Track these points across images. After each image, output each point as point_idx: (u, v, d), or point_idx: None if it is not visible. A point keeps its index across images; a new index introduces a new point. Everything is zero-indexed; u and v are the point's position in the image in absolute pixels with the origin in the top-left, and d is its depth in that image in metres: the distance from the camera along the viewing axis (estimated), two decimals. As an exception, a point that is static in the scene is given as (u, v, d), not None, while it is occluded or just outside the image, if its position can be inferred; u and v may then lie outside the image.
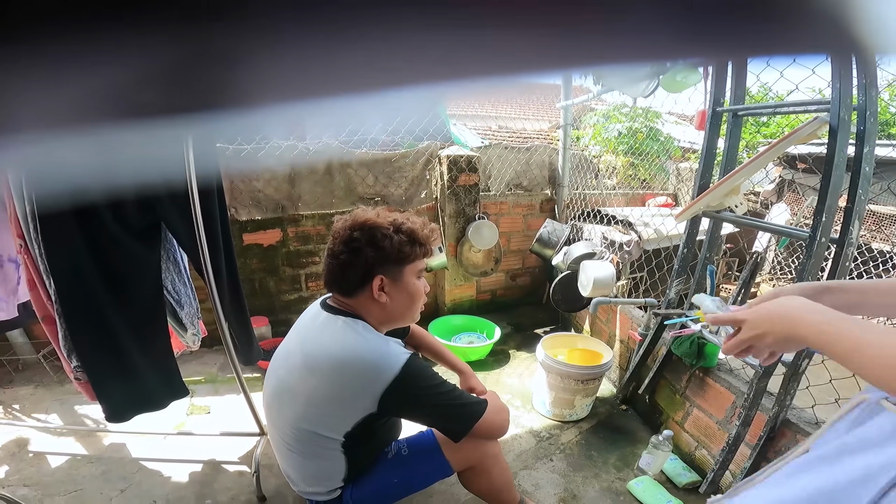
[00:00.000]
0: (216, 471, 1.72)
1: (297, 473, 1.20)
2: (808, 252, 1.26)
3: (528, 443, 1.91)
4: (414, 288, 1.17)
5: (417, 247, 1.13)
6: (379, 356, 1.04)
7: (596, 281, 2.19)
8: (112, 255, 1.35)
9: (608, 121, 3.67)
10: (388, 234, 1.08)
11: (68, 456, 1.77)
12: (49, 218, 1.21)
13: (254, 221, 2.60)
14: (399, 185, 2.87)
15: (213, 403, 2.17)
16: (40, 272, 1.27)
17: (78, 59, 0.17)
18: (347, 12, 0.17)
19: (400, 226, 1.11)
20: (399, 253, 1.10)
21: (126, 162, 1.04)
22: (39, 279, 1.29)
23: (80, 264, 1.30)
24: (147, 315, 1.53)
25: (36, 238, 1.22)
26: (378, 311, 1.15)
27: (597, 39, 0.20)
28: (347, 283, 1.11)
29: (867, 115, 1.14)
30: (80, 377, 1.44)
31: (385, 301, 1.12)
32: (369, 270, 1.09)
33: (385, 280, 1.11)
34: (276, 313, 2.81)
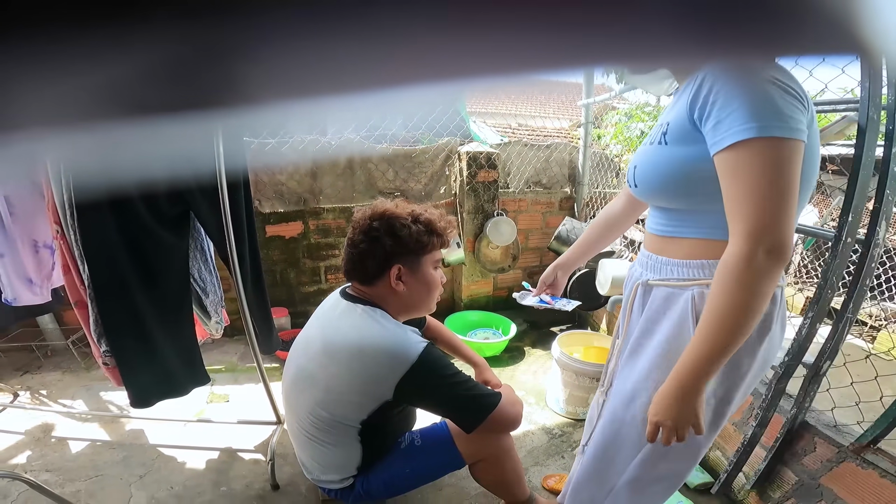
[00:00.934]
0: (232, 458, 1.76)
1: (313, 461, 1.23)
2: (833, 252, 1.23)
3: (540, 440, 1.92)
4: (431, 278, 1.19)
5: (435, 237, 1.15)
6: (397, 344, 1.06)
7: (614, 279, 2.17)
8: (144, 243, 1.40)
9: (630, 119, 3.62)
10: (407, 224, 1.11)
11: (91, 442, 1.82)
12: (85, 205, 1.26)
13: (276, 214, 2.66)
14: (419, 181, 2.89)
15: (232, 392, 2.22)
16: (75, 257, 1.33)
17: (110, 53, 0.18)
18: (370, 7, 0.18)
19: (418, 216, 1.14)
20: (417, 242, 1.12)
21: (159, 154, 1.08)
22: (74, 264, 1.35)
23: (113, 250, 1.35)
24: (174, 302, 1.58)
25: (72, 224, 1.27)
26: (396, 301, 1.17)
27: (622, 37, 0.20)
28: (366, 272, 1.14)
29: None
30: (109, 362, 1.49)
31: (402, 290, 1.15)
32: (387, 260, 1.12)
33: (403, 269, 1.13)
34: (296, 305, 2.87)
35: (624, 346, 1.00)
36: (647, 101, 3.55)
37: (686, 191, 0.82)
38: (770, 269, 0.69)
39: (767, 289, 0.71)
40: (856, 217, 1.20)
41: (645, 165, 0.88)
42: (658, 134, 0.85)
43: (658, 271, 0.91)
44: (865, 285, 1.22)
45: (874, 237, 1.18)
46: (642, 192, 0.90)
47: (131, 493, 1.57)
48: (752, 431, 1.42)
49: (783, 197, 0.68)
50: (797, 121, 0.68)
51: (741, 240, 0.70)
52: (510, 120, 6.57)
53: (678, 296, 0.86)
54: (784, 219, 0.68)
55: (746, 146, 0.68)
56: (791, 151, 0.68)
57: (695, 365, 0.76)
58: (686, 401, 0.77)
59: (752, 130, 0.66)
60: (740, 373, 0.85)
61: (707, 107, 0.72)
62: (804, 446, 1.35)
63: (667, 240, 0.90)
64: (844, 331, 1.25)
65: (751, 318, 0.72)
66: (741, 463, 1.47)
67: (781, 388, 1.37)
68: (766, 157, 0.67)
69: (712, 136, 0.72)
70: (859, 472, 1.21)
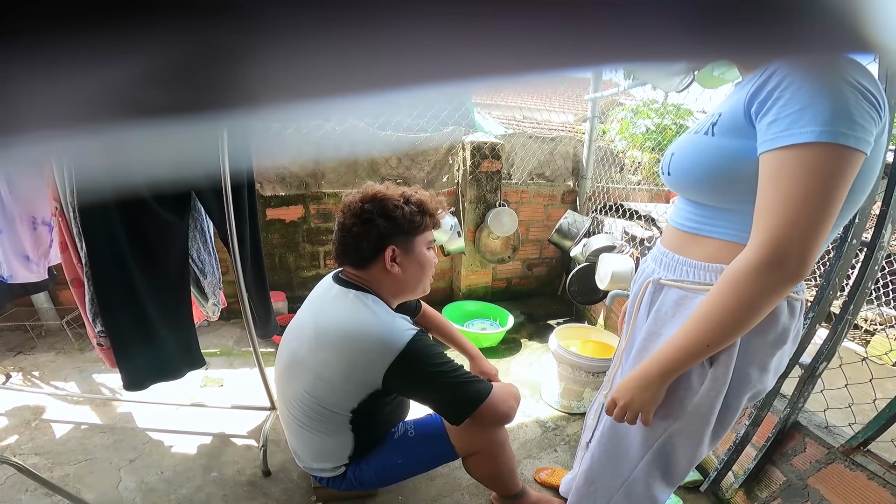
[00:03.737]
0: (224, 444, 1.75)
1: (305, 449, 1.23)
2: (837, 253, 1.23)
3: (533, 432, 1.93)
4: (425, 258, 1.19)
5: (427, 217, 1.15)
6: (386, 331, 1.05)
7: (614, 274, 2.17)
8: (143, 221, 1.39)
9: (636, 116, 3.58)
10: (399, 205, 1.10)
11: (81, 425, 1.80)
12: (85, 182, 1.26)
13: (277, 197, 2.65)
14: (422, 168, 2.88)
15: (226, 376, 2.22)
16: (73, 235, 1.32)
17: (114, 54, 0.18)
18: (376, 6, 0.18)
19: (409, 197, 1.13)
20: (410, 223, 1.12)
21: (163, 137, 1.08)
22: (72, 241, 1.34)
23: (112, 228, 1.34)
24: (172, 282, 1.57)
25: (72, 201, 1.26)
26: (390, 283, 1.17)
27: (628, 36, 0.20)
28: (360, 254, 1.13)
29: None
30: (103, 343, 1.48)
31: (397, 272, 1.14)
32: (381, 241, 1.11)
33: (397, 250, 1.13)
34: (294, 289, 2.87)
35: (629, 349, 0.96)
36: (655, 97, 3.51)
37: (723, 186, 0.76)
38: (779, 286, 0.65)
39: (766, 304, 0.68)
40: (862, 219, 1.20)
41: (684, 153, 0.82)
42: (707, 124, 0.78)
43: (673, 270, 0.86)
44: (867, 288, 1.22)
45: (880, 240, 1.17)
46: (675, 180, 0.84)
47: (120, 478, 1.56)
48: (744, 430, 1.43)
49: (821, 211, 0.61)
50: (867, 131, 0.61)
51: (759, 248, 0.65)
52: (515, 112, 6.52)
53: (691, 299, 0.81)
54: (814, 236, 0.62)
55: (801, 150, 0.61)
56: (848, 163, 0.61)
57: (666, 358, 0.76)
58: (644, 387, 0.79)
59: (813, 134, 0.60)
60: (749, 383, 0.82)
61: (769, 102, 0.65)
62: (794, 446, 1.36)
63: (690, 237, 0.84)
64: (843, 332, 1.25)
65: (737, 329, 0.70)
66: (731, 462, 1.48)
67: (776, 387, 1.37)
68: (818, 164, 0.60)
69: (766, 132, 0.65)
70: (847, 473, 1.22)
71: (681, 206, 0.89)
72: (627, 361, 0.96)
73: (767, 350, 0.80)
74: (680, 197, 0.89)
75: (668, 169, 0.85)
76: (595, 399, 1.12)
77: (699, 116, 3.51)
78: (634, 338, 0.94)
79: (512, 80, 0.25)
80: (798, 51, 0.23)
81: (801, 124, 0.61)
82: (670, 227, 0.91)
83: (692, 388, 0.82)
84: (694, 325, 0.73)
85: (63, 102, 0.20)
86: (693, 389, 0.82)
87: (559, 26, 0.19)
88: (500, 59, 0.21)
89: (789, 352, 0.85)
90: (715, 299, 0.71)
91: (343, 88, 0.22)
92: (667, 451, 0.90)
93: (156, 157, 1.30)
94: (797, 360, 1.31)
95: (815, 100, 0.60)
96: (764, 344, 0.79)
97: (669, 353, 0.76)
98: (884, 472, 1.15)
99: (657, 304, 0.88)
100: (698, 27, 0.20)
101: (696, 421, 0.84)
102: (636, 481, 0.95)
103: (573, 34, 0.20)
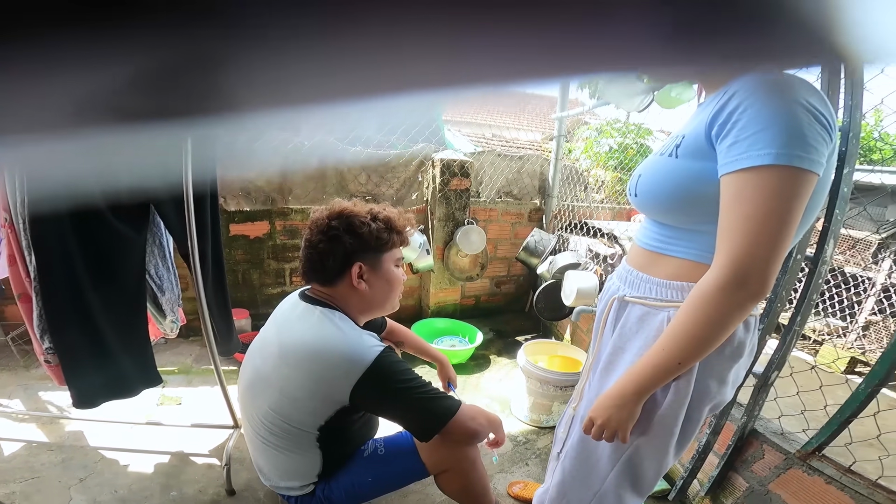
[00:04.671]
0: (184, 463, 1.69)
1: (271, 467, 1.19)
2: (783, 268, 1.30)
3: (504, 447, 1.90)
4: (392, 275, 1.18)
5: (395, 234, 1.15)
6: (352, 348, 1.04)
7: (579, 291, 2.22)
8: (98, 235, 1.34)
9: (600, 135, 3.73)
10: (366, 222, 1.10)
11: (27, 443, 1.72)
12: (38, 192, 1.19)
13: (242, 212, 2.59)
14: (391, 185, 2.88)
15: (184, 395, 2.13)
16: (22, 248, 1.25)
17: (76, 60, 0.17)
18: (346, 16, 0.18)
19: (377, 214, 1.13)
20: (377, 240, 1.11)
21: (123, 146, 1.03)
22: (21, 255, 1.27)
23: (64, 242, 1.28)
24: (128, 298, 1.51)
25: (23, 212, 1.20)
26: (357, 300, 1.15)
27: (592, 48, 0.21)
28: (326, 271, 1.12)
29: (850, 137, 1.17)
30: (51, 360, 1.40)
31: (364, 289, 1.13)
32: (348, 258, 1.10)
33: (364, 267, 1.12)
34: (258, 306, 2.79)
35: (596, 363, 0.98)
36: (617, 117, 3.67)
37: (685, 207, 0.79)
38: (742, 304, 0.68)
39: (733, 322, 0.71)
40: (806, 235, 1.28)
41: (649, 175, 0.85)
42: (671, 146, 0.81)
43: (637, 288, 0.89)
44: (812, 300, 1.30)
45: (822, 254, 1.25)
46: (641, 202, 0.88)
47: (71, 496, 1.48)
48: (706, 439, 1.47)
49: (780, 231, 0.65)
50: (819, 152, 0.64)
51: (723, 268, 0.68)
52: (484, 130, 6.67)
53: (653, 315, 0.84)
54: (774, 255, 0.66)
55: (758, 172, 0.64)
56: (803, 184, 0.64)
57: (640, 376, 0.79)
58: (622, 406, 0.81)
59: (770, 157, 0.62)
60: (709, 395, 0.86)
61: (729, 124, 0.68)
62: (753, 453, 1.42)
63: (654, 256, 0.87)
64: (792, 342, 1.32)
65: (706, 346, 0.73)
66: (696, 470, 1.52)
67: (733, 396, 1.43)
68: (775, 185, 0.63)
69: (726, 155, 0.68)
70: (805, 478, 1.27)
71: (646, 225, 0.92)
72: (595, 375, 0.98)
73: (725, 363, 0.84)
74: (646, 217, 0.93)
75: (635, 190, 0.88)
76: (564, 412, 1.14)
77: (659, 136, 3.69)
78: (601, 352, 0.97)
79: (491, 88, 0.25)
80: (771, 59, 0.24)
81: (759, 147, 0.64)
82: (636, 246, 0.94)
83: (657, 401, 0.84)
84: (665, 343, 0.76)
85: (18, 107, 0.20)
86: (658, 403, 0.84)
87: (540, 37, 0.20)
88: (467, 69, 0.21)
89: (745, 364, 0.89)
90: (684, 318, 0.73)
91: (318, 95, 0.21)
92: (635, 462, 0.92)
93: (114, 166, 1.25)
94: (750, 370, 1.37)
95: (772, 123, 0.63)
96: (721, 358, 0.83)
97: (643, 371, 0.79)
98: (840, 475, 1.21)
99: (622, 320, 0.91)
100: (675, 37, 0.20)
101: (661, 433, 0.86)
102: (607, 493, 0.96)
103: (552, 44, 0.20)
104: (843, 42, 0.21)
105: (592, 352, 1.02)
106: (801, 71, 0.71)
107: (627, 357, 0.88)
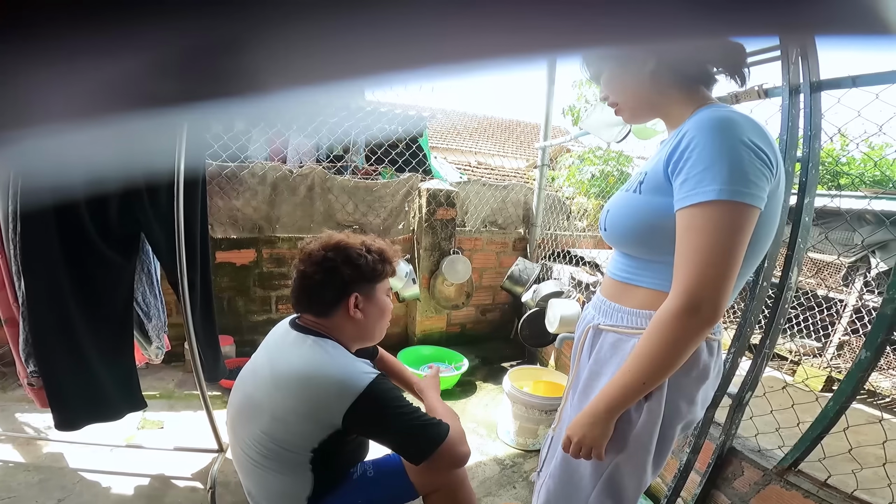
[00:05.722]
0: (166, 486, 1.66)
1: (261, 489, 1.18)
2: (751, 295, 1.37)
3: (492, 470, 1.92)
4: (384, 304, 1.23)
5: (388, 265, 1.20)
6: (345, 374, 1.06)
7: (563, 318, 2.27)
8: (88, 262, 1.35)
9: (583, 163, 3.84)
10: (363, 254, 1.15)
11: (2, 463, 1.69)
12: (30, 218, 1.21)
13: (228, 240, 2.60)
14: (378, 215, 2.93)
15: (167, 419, 2.10)
16: (11, 272, 1.26)
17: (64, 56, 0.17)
18: None
19: (370, 246, 1.18)
20: (373, 271, 1.16)
21: (114, 169, 1.04)
22: (10, 280, 1.27)
23: (54, 268, 1.29)
24: (115, 325, 1.51)
25: (14, 238, 1.22)
26: (351, 329, 1.18)
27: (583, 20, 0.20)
28: (322, 302, 1.15)
29: (809, 167, 1.24)
30: (35, 383, 1.40)
31: (360, 318, 1.16)
32: (345, 288, 1.14)
33: (360, 297, 1.16)
34: (243, 333, 2.77)
35: (574, 386, 1.03)
36: (599, 145, 3.78)
37: (649, 240, 0.85)
38: (697, 329, 0.73)
39: (688, 345, 0.76)
40: (771, 263, 1.34)
41: (616, 210, 0.91)
42: (635, 182, 0.88)
43: (609, 317, 0.94)
44: (780, 324, 1.36)
45: (787, 281, 1.32)
46: (610, 235, 0.93)
47: None
48: (686, 458, 1.50)
49: (726, 261, 0.70)
50: (759, 188, 0.70)
51: (677, 296, 0.73)
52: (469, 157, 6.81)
53: (625, 342, 0.89)
54: (722, 283, 0.71)
55: (705, 207, 0.70)
56: (745, 217, 0.70)
57: (610, 396, 0.84)
58: (595, 423, 0.86)
59: (713, 193, 0.69)
60: (680, 414, 0.91)
61: (681, 162, 0.74)
62: (733, 470, 1.45)
63: (623, 287, 0.93)
64: (763, 364, 1.38)
65: (666, 367, 0.79)
66: (679, 488, 1.54)
67: (710, 416, 1.47)
68: (719, 220, 0.69)
69: (678, 191, 0.74)
70: (784, 493, 1.30)
71: (616, 258, 0.99)
72: (574, 398, 1.03)
73: (693, 385, 0.89)
74: (615, 250, 0.99)
75: (605, 225, 0.95)
76: (548, 434, 1.16)
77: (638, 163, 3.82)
78: (579, 377, 1.02)
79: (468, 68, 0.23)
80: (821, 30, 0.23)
81: (705, 184, 0.70)
82: (608, 277, 1.01)
83: (631, 421, 0.89)
84: (630, 366, 0.82)
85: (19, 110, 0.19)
86: (632, 423, 0.89)
87: None
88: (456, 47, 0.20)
89: (713, 385, 0.95)
90: (646, 343, 0.79)
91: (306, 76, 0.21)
92: (616, 479, 0.95)
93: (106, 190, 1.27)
94: (725, 391, 1.42)
95: (715, 161, 0.70)
96: (689, 380, 0.89)
97: (613, 391, 0.84)
98: (817, 489, 1.24)
99: (597, 346, 0.97)
100: None
101: (637, 450, 0.91)
102: None
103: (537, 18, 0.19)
104: None
105: (571, 376, 1.07)
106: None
107: (603, 381, 0.92)
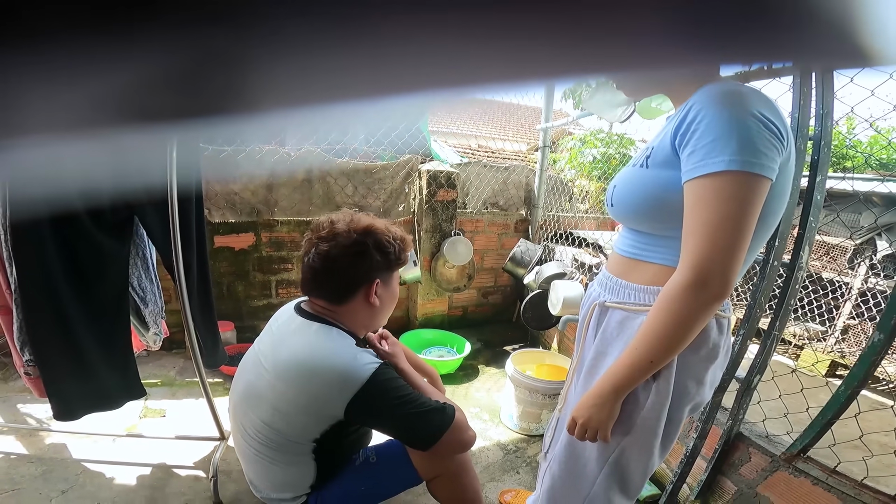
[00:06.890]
0: (169, 475, 1.65)
1: (263, 479, 1.18)
2: (761, 275, 1.34)
3: (495, 455, 1.92)
4: (396, 291, 1.23)
5: (405, 253, 1.19)
6: (348, 364, 1.04)
7: (565, 300, 2.24)
8: (81, 247, 1.32)
9: (584, 145, 3.78)
10: (391, 241, 1.13)
11: (5, 455, 1.68)
12: (21, 203, 1.18)
13: (227, 224, 2.56)
14: (378, 197, 2.89)
15: (168, 407, 2.09)
16: (2, 259, 1.23)
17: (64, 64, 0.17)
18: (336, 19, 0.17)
19: (395, 232, 1.16)
20: (398, 259, 1.16)
21: (107, 154, 1.01)
22: (1, 266, 1.24)
23: (46, 254, 1.26)
24: (110, 311, 1.48)
25: (3, 223, 1.18)
26: (365, 315, 1.17)
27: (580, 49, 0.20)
28: (343, 287, 1.12)
29: (822, 146, 1.21)
30: (31, 372, 1.38)
31: (377, 304, 1.16)
32: (370, 274, 1.12)
33: (380, 284, 1.15)
34: (243, 319, 2.75)
35: (580, 367, 1.01)
36: (601, 127, 3.72)
37: (658, 215, 0.83)
38: (706, 304, 0.72)
39: (697, 321, 0.74)
40: (782, 242, 1.31)
41: (623, 186, 0.89)
42: (642, 157, 0.86)
43: (617, 294, 0.92)
44: (790, 305, 1.33)
45: (798, 261, 1.29)
46: (617, 211, 0.91)
47: None
48: (693, 443, 1.49)
49: (736, 234, 0.69)
50: (770, 158, 0.68)
51: (685, 270, 0.72)
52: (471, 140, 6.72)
53: (633, 320, 0.87)
54: (731, 256, 0.69)
55: (714, 178, 0.69)
56: (755, 188, 0.68)
57: (616, 376, 0.82)
58: (601, 405, 0.84)
59: (723, 164, 0.67)
60: (688, 395, 0.88)
61: (689, 134, 0.73)
62: (740, 456, 1.44)
63: (632, 262, 0.91)
64: (772, 347, 1.35)
65: (675, 345, 0.76)
66: (685, 474, 1.53)
67: (717, 401, 1.45)
68: (728, 191, 0.68)
69: (686, 163, 0.73)
70: (792, 480, 1.29)
71: (624, 234, 0.96)
72: (578, 379, 1.00)
73: (701, 364, 0.87)
74: (623, 226, 0.96)
75: (612, 200, 0.93)
76: (552, 417, 1.15)
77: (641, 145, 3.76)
78: (584, 357, 0.99)
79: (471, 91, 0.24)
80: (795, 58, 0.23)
81: (714, 155, 0.68)
82: (615, 253, 0.98)
83: (639, 402, 0.87)
84: (638, 343, 0.79)
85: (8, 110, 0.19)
86: (640, 404, 0.87)
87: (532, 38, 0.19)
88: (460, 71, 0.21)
89: (721, 365, 0.92)
90: (653, 319, 0.77)
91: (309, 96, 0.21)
92: (622, 464, 0.93)
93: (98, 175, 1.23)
94: (733, 375, 1.39)
95: (724, 132, 0.68)
96: (698, 359, 0.86)
97: (619, 370, 0.82)
98: (826, 476, 1.23)
99: (603, 324, 0.94)
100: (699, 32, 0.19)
101: (645, 433, 0.88)
102: (596, 496, 0.97)
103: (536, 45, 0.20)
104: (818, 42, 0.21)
105: (576, 356, 1.05)
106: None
107: (609, 360, 0.90)
